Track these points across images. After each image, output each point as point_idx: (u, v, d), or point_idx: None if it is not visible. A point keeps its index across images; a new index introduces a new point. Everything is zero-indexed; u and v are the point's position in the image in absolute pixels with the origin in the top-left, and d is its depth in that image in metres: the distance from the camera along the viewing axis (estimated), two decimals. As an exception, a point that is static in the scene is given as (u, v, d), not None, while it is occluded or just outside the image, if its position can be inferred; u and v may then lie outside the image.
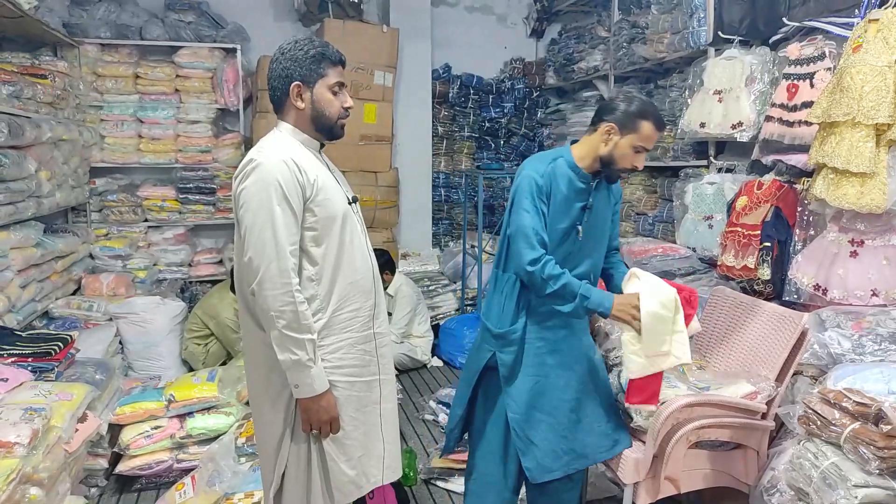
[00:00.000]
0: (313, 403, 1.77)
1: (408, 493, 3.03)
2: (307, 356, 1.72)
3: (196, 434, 3.04)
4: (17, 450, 2.11)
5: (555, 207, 2.08)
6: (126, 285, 4.28)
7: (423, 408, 3.96)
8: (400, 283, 4.66)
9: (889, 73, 2.29)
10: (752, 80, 3.16)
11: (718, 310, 2.71)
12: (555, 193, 2.07)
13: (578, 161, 2.11)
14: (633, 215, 4.38)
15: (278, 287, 1.69)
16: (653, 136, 2.06)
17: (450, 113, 5.95)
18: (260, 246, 1.69)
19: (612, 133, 2.05)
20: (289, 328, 1.70)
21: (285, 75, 1.79)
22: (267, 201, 1.69)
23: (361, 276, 1.86)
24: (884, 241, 2.47)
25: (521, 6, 6.14)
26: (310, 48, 1.79)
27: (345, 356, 1.84)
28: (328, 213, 1.78)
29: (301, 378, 1.74)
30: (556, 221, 2.09)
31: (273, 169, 1.70)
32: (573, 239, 2.12)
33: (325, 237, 1.78)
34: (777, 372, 2.29)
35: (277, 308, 1.69)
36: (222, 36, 4.96)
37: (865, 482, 1.80)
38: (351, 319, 1.85)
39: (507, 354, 2.14)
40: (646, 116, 2.04)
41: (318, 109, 1.82)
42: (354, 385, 1.87)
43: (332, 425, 1.81)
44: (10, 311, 3.25)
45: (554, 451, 2.13)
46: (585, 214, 2.12)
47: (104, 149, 4.82)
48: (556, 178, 2.08)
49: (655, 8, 4.09)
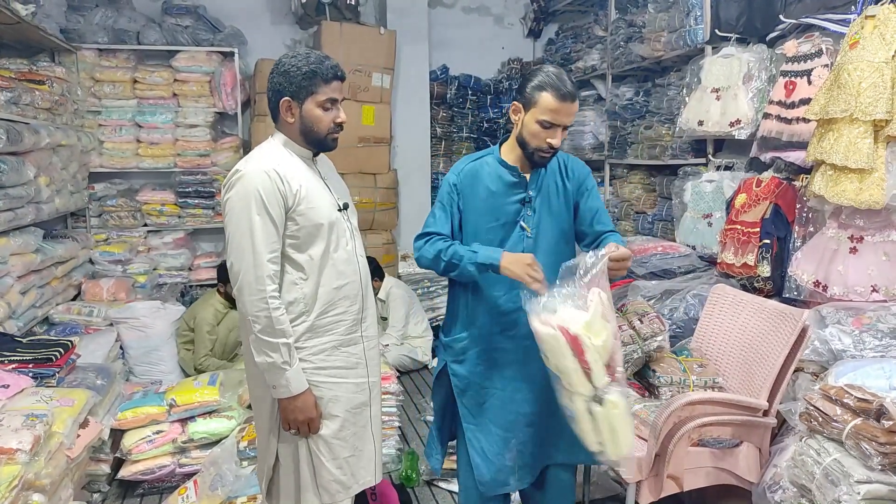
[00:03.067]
0: (289, 404, 1.83)
1: (410, 494, 3.03)
2: (282, 359, 1.79)
3: (198, 438, 3.04)
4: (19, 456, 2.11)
5: (476, 205, 2.00)
6: (126, 290, 4.28)
7: (424, 409, 3.96)
8: (390, 287, 4.66)
9: (886, 69, 2.29)
10: (749, 78, 3.17)
11: (719, 307, 2.71)
12: (476, 191, 2.00)
13: (505, 155, 2.03)
14: (633, 214, 4.38)
15: (255, 293, 1.76)
16: (558, 108, 1.87)
17: (448, 114, 5.95)
18: (239, 254, 1.78)
19: (518, 112, 1.95)
20: (263, 332, 1.77)
21: (277, 90, 1.85)
22: (247, 211, 1.76)
23: (347, 280, 1.91)
24: (883, 237, 2.47)
25: (517, 6, 6.14)
26: (303, 65, 1.82)
27: (328, 358, 1.90)
28: (312, 222, 1.83)
29: (277, 379, 1.81)
30: (483, 220, 2.00)
31: (254, 179, 1.77)
32: (519, 236, 2.00)
33: (309, 244, 1.85)
34: (778, 369, 2.29)
35: (253, 313, 1.77)
36: (220, 40, 4.96)
37: (868, 478, 1.81)
38: (336, 323, 1.90)
39: (457, 365, 2.09)
40: (544, 87, 1.87)
41: (307, 125, 1.87)
42: (341, 386, 1.93)
43: (310, 425, 1.87)
44: (11, 318, 3.24)
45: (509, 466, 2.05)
46: (527, 208, 2.01)
47: (103, 154, 4.83)
48: (480, 175, 2.02)
49: (652, 7, 4.09)
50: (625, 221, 4.42)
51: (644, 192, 4.36)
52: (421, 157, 5.73)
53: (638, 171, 4.46)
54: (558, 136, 1.91)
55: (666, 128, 4.00)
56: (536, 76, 1.91)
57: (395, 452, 3.24)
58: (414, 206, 5.72)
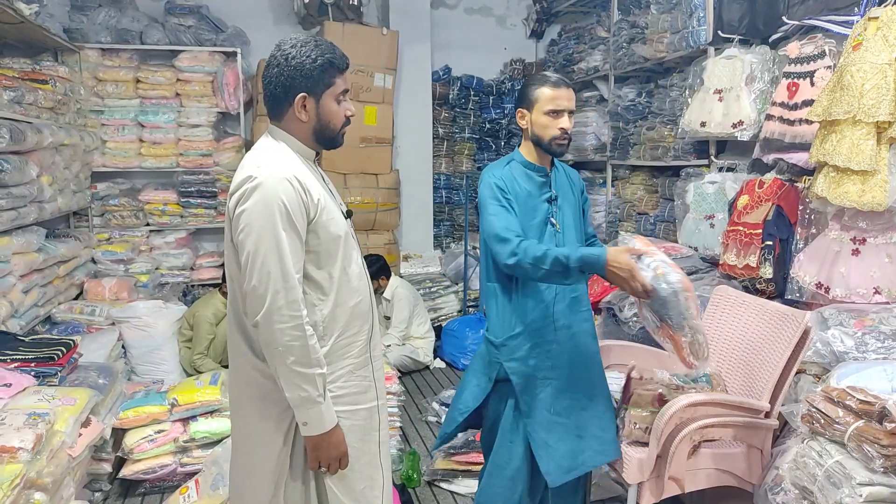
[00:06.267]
0: (323, 441, 1.63)
1: (411, 494, 3.03)
2: (317, 392, 1.59)
3: (199, 438, 3.05)
4: (20, 455, 2.11)
5: (521, 206, 2.11)
6: (128, 289, 4.28)
7: (426, 409, 3.96)
8: (396, 286, 4.66)
9: (889, 70, 2.28)
10: (752, 79, 3.16)
11: (721, 309, 2.71)
12: (518, 193, 2.11)
13: (527, 156, 2.18)
14: (635, 215, 4.38)
15: (287, 320, 1.54)
16: (557, 95, 2.08)
17: (450, 114, 5.95)
18: (265, 275, 1.54)
19: (524, 116, 2.14)
20: (298, 364, 1.56)
21: (289, 84, 1.63)
22: (271, 226, 1.54)
23: (361, 297, 1.74)
24: (886, 239, 2.47)
25: (520, 7, 6.14)
26: (317, 55, 1.62)
27: (345, 384, 1.72)
28: (332, 235, 1.65)
29: (310, 415, 1.60)
30: (528, 219, 2.11)
31: (276, 189, 1.55)
32: (552, 233, 2.14)
33: (328, 260, 1.66)
34: (780, 370, 2.28)
35: (285, 343, 1.54)
36: (222, 40, 4.97)
37: (870, 480, 1.80)
38: (350, 345, 1.72)
39: (514, 363, 2.14)
40: (538, 84, 2.10)
41: (324, 121, 1.68)
42: (357, 413, 1.74)
43: (342, 461, 1.68)
44: (13, 317, 3.25)
45: (571, 451, 2.14)
46: (554, 206, 2.16)
47: (105, 153, 4.84)
48: (515, 179, 2.13)
49: (655, 8, 4.09)
50: (627, 222, 4.41)
51: (646, 193, 4.35)
52: (423, 158, 5.74)
53: (640, 173, 4.46)
54: (566, 120, 2.09)
55: (668, 129, 4.00)
56: (529, 83, 2.15)
57: (396, 453, 3.24)
58: (416, 206, 5.73)
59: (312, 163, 1.76)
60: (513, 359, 2.14)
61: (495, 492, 2.20)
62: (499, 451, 2.20)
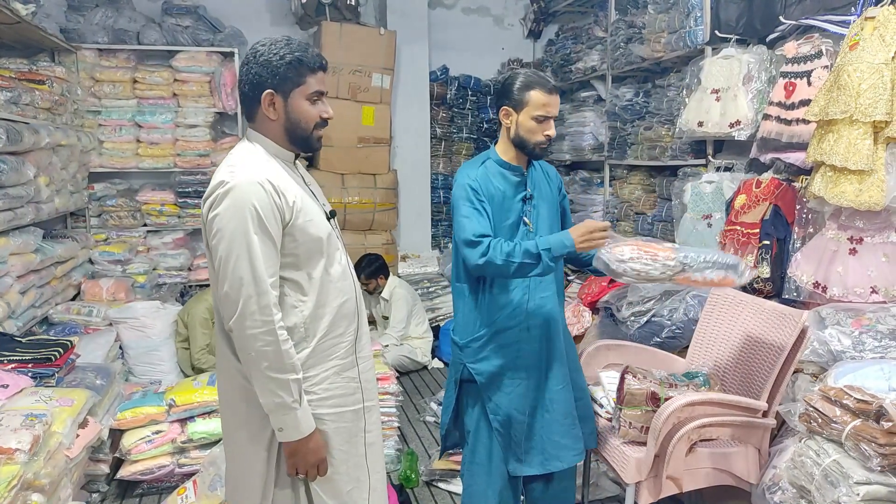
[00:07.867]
0: (300, 446, 1.62)
1: (409, 494, 3.02)
2: (292, 398, 1.57)
3: (197, 438, 3.04)
4: (18, 456, 2.11)
5: (496, 206, 2.08)
6: (125, 290, 4.28)
7: (423, 409, 3.96)
8: (394, 286, 4.66)
9: (886, 70, 2.29)
10: (749, 79, 3.17)
11: (718, 308, 2.71)
12: (492, 194, 2.08)
13: (503, 155, 2.15)
14: (632, 215, 4.38)
15: (259, 325, 1.53)
16: (548, 102, 2.05)
17: (448, 114, 5.95)
18: (237, 280, 1.53)
19: (509, 115, 2.08)
20: (272, 369, 1.55)
21: (256, 82, 1.62)
22: (242, 230, 1.53)
23: (346, 297, 1.72)
24: (883, 239, 2.47)
25: (517, 7, 6.15)
26: (286, 52, 1.60)
27: (330, 386, 1.70)
28: (311, 237, 1.63)
29: (286, 421, 1.58)
30: (501, 219, 2.09)
31: (248, 193, 1.54)
32: (524, 233, 2.11)
33: (308, 262, 1.64)
34: (777, 370, 2.29)
35: (258, 348, 1.54)
36: (220, 40, 4.97)
37: (867, 479, 1.81)
38: (335, 346, 1.71)
39: (478, 363, 2.15)
40: (531, 86, 2.04)
41: (293, 120, 1.65)
42: (343, 416, 1.73)
43: (320, 468, 1.67)
44: (10, 318, 3.24)
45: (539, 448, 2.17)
46: (528, 205, 2.13)
47: (103, 154, 4.83)
48: (490, 179, 2.10)
49: (652, 8, 4.09)
50: (624, 222, 4.41)
51: (644, 192, 4.36)
52: (421, 158, 5.74)
53: (638, 172, 4.46)
54: (552, 127, 2.08)
55: (666, 129, 4.00)
56: (518, 78, 2.06)
57: (394, 453, 3.24)
58: (414, 206, 5.73)
59: (293, 164, 1.75)
60: (476, 360, 2.15)
61: (478, 490, 2.21)
62: (476, 449, 2.21)
